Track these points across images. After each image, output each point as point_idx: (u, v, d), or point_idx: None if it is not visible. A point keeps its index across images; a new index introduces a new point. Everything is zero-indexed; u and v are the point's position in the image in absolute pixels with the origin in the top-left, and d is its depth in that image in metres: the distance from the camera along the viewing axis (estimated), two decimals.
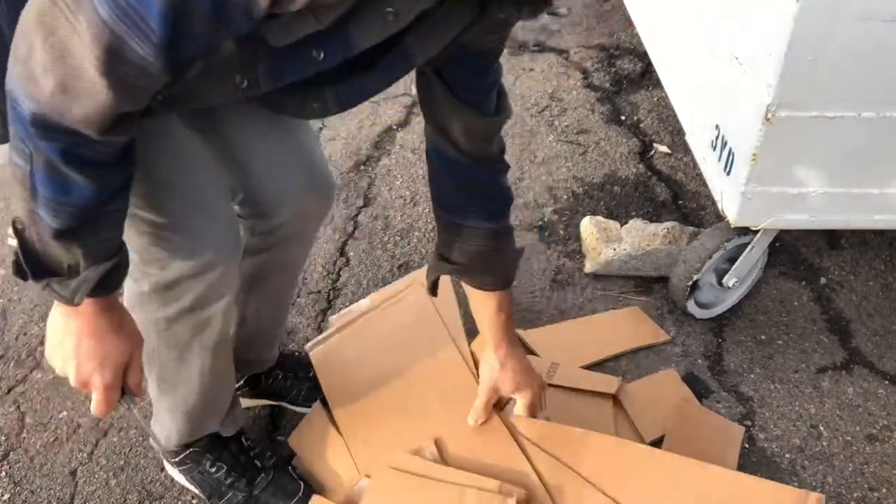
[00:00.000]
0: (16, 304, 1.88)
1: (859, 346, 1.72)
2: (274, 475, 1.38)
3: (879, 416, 1.58)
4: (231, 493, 1.35)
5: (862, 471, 1.48)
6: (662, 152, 2.30)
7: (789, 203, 1.46)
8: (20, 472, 1.52)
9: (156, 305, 1.12)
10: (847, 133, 1.35)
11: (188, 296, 1.10)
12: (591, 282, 1.88)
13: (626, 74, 2.65)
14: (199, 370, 1.21)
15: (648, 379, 1.63)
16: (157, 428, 1.34)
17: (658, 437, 1.50)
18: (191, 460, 1.36)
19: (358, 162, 2.32)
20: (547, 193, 2.16)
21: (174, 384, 1.24)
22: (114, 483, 1.49)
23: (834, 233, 2.00)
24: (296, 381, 1.55)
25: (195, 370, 1.21)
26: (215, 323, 1.15)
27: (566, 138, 2.37)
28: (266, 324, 1.47)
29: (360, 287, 1.88)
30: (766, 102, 1.31)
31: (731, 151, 1.47)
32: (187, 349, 1.18)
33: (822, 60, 1.26)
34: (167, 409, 1.29)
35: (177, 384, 1.24)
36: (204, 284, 1.09)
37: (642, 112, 2.47)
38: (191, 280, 1.08)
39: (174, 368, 1.21)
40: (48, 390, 1.67)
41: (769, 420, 1.57)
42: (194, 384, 1.23)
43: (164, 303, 1.11)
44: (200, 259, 1.06)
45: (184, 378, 1.22)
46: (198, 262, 1.06)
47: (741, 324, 1.77)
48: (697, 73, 1.71)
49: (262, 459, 1.40)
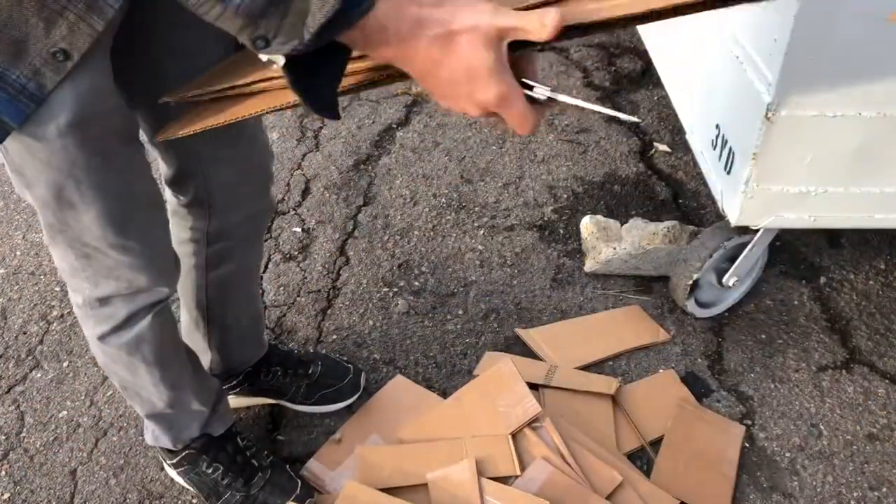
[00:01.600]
0: (15, 302, 1.88)
1: (859, 345, 1.72)
2: (271, 474, 1.38)
3: (880, 415, 1.58)
4: (228, 493, 1.36)
5: (862, 470, 1.48)
6: (663, 151, 2.30)
7: (789, 202, 1.46)
8: (20, 472, 1.52)
9: (92, 321, 1.14)
10: (848, 132, 1.35)
11: (120, 313, 1.11)
12: (591, 281, 1.88)
13: (627, 73, 2.65)
14: (152, 381, 1.22)
15: (647, 380, 1.63)
16: (146, 430, 1.36)
17: (658, 436, 1.50)
18: (187, 462, 1.36)
19: (358, 161, 2.31)
20: (547, 192, 2.16)
21: (136, 393, 1.26)
22: (113, 482, 1.49)
23: (834, 232, 2.00)
24: (295, 378, 1.55)
25: (148, 381, 1.22)
26: (151, 337, 1.16)
27: (566, 137, 2.37)
28: (247, 324, 1.48)
29: (359, 286, 1.88)
30: (767, 101, 1.31)
31: (731, 150, 1.47)
32: (131, 364, 1.19)
33: (822, 59, 1.25)
34: (143, 414, 1.31)
35: (139, 393, 1.26)
36: (135, 305, 1.11)
37: (643, 111, 2.47)
38: (120, 299, 1.10)
39: (129, 379, 1.23)
40: (48, 389, 1.67)
41: (769, 419, 1.57)
42: (153, 393, 1.25)
43: (98, 319, 1.13)
44: (134, 281, 1.08)
45: (141, 387, 1.24)
46: (131, 283, 1.08)
47: (741, 323, 1.77)
48: (698, 72, 1.70)
49: (259, 458, 1.40)
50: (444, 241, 2.02)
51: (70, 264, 1.06)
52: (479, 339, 1.74)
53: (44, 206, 0.97)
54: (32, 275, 1.96)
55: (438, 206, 2.12)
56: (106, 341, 1.15)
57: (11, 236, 2.09)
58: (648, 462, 1.47)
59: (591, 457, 1.38)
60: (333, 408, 1.57)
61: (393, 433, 1.50)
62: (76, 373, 1.70)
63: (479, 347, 1.72)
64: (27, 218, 2.15)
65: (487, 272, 1.92)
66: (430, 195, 2.16)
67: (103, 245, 1.01)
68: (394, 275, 1.91)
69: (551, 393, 1.56)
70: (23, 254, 2.03)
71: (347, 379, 1.57)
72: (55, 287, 1.92)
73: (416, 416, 1.53)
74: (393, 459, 1.40)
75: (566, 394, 1.55)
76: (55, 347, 1.76)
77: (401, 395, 1.60)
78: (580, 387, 1.56)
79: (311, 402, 1.55)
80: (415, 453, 1.41)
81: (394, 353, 1.71)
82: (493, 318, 1.79)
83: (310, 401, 1.55)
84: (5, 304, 1.89)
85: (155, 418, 1.31)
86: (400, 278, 1.90)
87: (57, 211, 0.97)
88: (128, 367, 1.20)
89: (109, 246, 1.02)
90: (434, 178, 2.22)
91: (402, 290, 1.87)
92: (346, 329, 1.78)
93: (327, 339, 1.75)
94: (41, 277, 1.95)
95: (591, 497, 1.31)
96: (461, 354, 1.71)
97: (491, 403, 1.50)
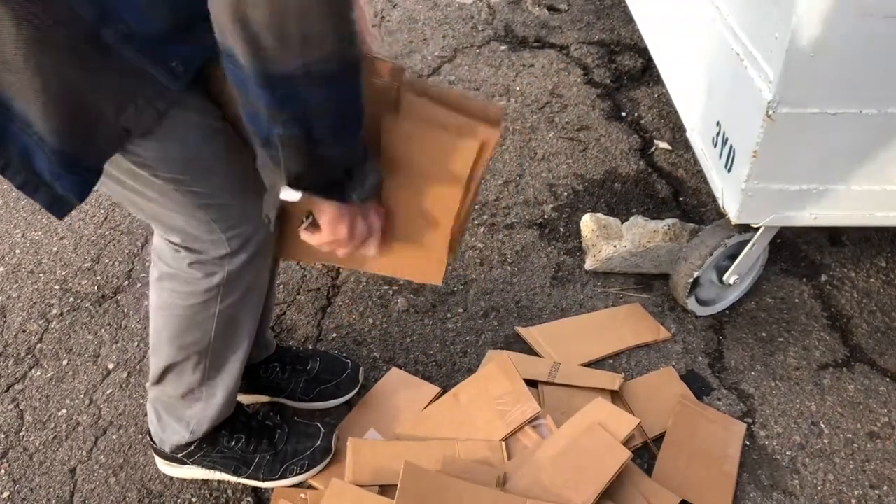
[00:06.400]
0: (15, 301, 1.88)
1: (860, 344, 1.72)
2: (289, 426, 1.44)
3: (880, 413, 1.58)
4: (258, 456, 1.39)
5: (863, 468, 1.48)
6: (663, 149, 2.30)
7: (790, 200, 1.45)
8: (19, 471, 1.51)
9: (221, 297, 1.18)
10: (848, 130, 1.35)
11: (250, 276, 1.18)
12: (592, 279, 1.88)
13: (627, 71, 2.65)
14: (245, 345, 1.28)
15: (646, 376, 1.63)
16: (176, 427, 1.35)
17: (660, 433, 1.50)
18: (207, 443, 1.38)
19: None
20: (547, 190, 2.16)
21: (221, 369, 1.29)
22: (113, 481, 1.49)
23: (835, 230, 1.99)
24: (293, 375, 1.55)
25: (242, 347, 1.28)
26: (261, 298, 1.26)
27: (566, 135, 2.37)
28: (266, 317, 1.48)
29: (359, 284, 1.88)
30: (768, 99, 1.30)
31: (731, 148, 1.47)
32: (240, 328, 1.25)
33: (823, 57, 1.25)
34: (202, 400, 1.31)
35: (223, 368, 1.29)
36: (259, 266, 1.19)
37: (643, 108, 2.47)
38: (254, 261, 1.16)
39: (225, 353, 1.27)
40: (47, 388, 1.67)
41: (770, 417, 1.57)
42: (236, 368, 1.29)
43: (232, 290, 1.18)
44: (258, 239, 1.15)
45: (231, 360, 1.28)
46: (259, 243, 1.15)
47: (742, 321, 1.77)
48: (698, 70, 1.70)
49: (271, 418, 1.47)
50: None
51: None
52: (479, 338, 1.74)
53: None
54: (32, 273, 1.96)
55: None
56: (233, 308, 1.21)
57: (11, 234, 2.09)
58: (650, 459, 1.47)
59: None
60: (332, 403, 1.57)
61: (390, 428, 1.50)
62: (76, 371, 1.70)
63: (479, 346, 1.72)
64: (27, 216, 2.15)
65: (487, 270, 1.91)
66: None
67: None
68: None
69: (550, 390, 1.56)
70: (22, 252, 2.03)
71: (346, 374, 1.57)
72: (54, 285, 1.92)
73: (413, 409, 1.53)
74: (382, 457, 1.40)
75: (566, 391, 1.55)
76: (54, 346, 1.76)
77: (398, 388, 1.60)
78: (583, 383, 1.56)
79: (310, 399, 1.55)
80: (406, 452, 1.41)
81: (394, 352, 1.71)
82: (494, 316, 1.79)
83: (308, 397, 1.55)
84: (4, 302, 1.88)
85: (221, 398, 1.31)
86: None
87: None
88: (235, 334, 1.26)
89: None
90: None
91: (402, 289, 1.87)
92: (346, 327, 1.78)
93: (327, 338, 1.75)
94: (40, 276, 1.95)
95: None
96: (461, 353, 1.71)
97: (489, 401, 1.50)
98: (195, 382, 1.28)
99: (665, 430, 1.50)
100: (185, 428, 1.34)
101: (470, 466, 1.38)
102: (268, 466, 1.40)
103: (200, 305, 1.18)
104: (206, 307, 1.18)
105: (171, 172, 1.02)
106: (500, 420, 1.47)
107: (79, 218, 2.12)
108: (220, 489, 1.45)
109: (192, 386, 1.28)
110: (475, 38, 2.84)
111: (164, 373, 1.28)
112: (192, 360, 1.25)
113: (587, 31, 2.86)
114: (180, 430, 1.35)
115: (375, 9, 3.03)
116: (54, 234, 2.07)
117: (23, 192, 0.94)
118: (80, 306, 1.85)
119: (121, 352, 1.73)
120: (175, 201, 1.06)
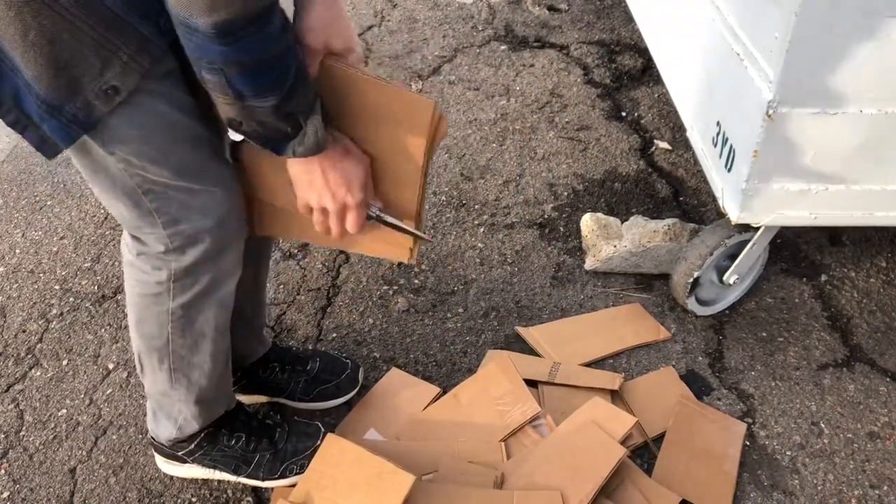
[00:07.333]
0: (15, 301, 1.88)
1: (860, 343, 1.72)
2: (289, 425, 1.44)
3: (880, 413, 1.58)
4: (258, 455, 1.39)
5: (863, 468, 1.48)
6: (663, 149, 2.30)
7: (790, 200, 1.45)
8: (19, 470, 1.51)
9: (172, 295, 1.16)
10: (848, 129, 1.35)
11: (205, 278, 1.15)
12: (592, 279, 1.88)
13: (627, 70, 2.65)
14: (212, 352, 1.25)
15: (646, 376, 1.63)
16: (167, 423, 1.35)
17: (660, 433, 1.50)
18: (207, 442, 1.38)
19: None
20: (547, 190, 2.16)
21: (187, 373, 1.27)
22: (113, 481, 1.49)
23: (835, 230, 1.99)
24: (293, 375, 1.55)
25: (207, 354, 1.25)
26: (227, 302, 1.22)
27: (567, 135, 2.37)
28: (251, 311, 1.48)
29: (359, 284, 1.88)
30: (768, 99, 1.30)
31: (731, 148, 1.47)
32: (201, 335, 1.22)
33: (823, 57, 1.25)
34: (181, 400, 1.31)
35: (190, 372, 1.27)
36: (218, 267, 1.16)
37: (643, 108, 2.47)
38: (207, 263, 1.14)
39: (187, 357, 1.25)
40: (47, 388, 1.67)
41: (770, 417, 1.57)
42: (206, 368, 1.27)
43: (182, 289, 1.16)
44: (209, 246, 1.12)
45: (197, 364, 1.26)
46: (209, 251, 1.12)
47: (742, 321, 1.77)
48: (698, 70, 1.70)
49: (271, 417, 1.47)
50: (445, 238, 2.01)
51: None
52: (479, 338, 1.74)
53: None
54: (32, 273, 1.96)
55: (438, 204, 2.12)
56: (187, 309, 1.19)
57: (11, 234, 2.09)
58: (650, 459, 1.47)
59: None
60: (332, 404, 1.57)
61: (390, 428, 1.50)
62: (76, 371, 1.70)
63: (479, 346, 1.72)
64: (27, 216, 2.15)
65: (487, 270, 1.91)
66: (429, 193, 2.16)
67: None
68: (394, 272, 1.91)
69: (550, 390, 1.56)
70: (22, 252, 2.03)
71: (345, 375, 1.57)
72: (54, 285, 1.92)
73: (413, 410, 1.53)
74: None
75: (566, 391, 1.55)
76: (54, 346, 1.76)
77: (398, 388, 1.60)
78: (583, 383, 1.56)
79: (310, 399, 1.55)
80: (405, 453, 1.41)
81: (394, 352, 1.71)
82: (494, 316, 1.79)
83: (308, 397, 1.55)
84: (4, 302, 1.88)
85: (193, 403, 1.31)
86: (400, 276, 1.90)
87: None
88: (196, 339, 1.23)
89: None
90: (434, 176, 2.22)
91: (403, 288, 1.87)
92: (346, 327, 1.78)
93: (327, 338, 1.75)
94: (40, 276, 1.95)
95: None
96: (461, 352, 1.71)
97: (489, 401, 1.50)
98: (165, 382, 1.28)
99: (665, 430, 1.50)
100: (173, 424, 1.35)
101: (469, 467, 1.38)
102: (268, 465, 1.40)
103: (152, 298, 1.17)
104: (157, 301, 1.17)
105: (126, 153, 1.01)
106: (500, 420, 1.47)
107: (79, 218, 2.12)
108: (220, 489, 1.45)
109: (164, 385, 1.28)
110: (475, 37, 2.84)
111: (139, 362, 1.28)
112: (156, 356, 1.24)
113: (587, 30, 2.86)
114: (169, 426, 1.35)
115: (375, 9, 3.03)
116: (54, 234, 2.07)
117: (14, 129, 0.95)
118: (80, 306, 1.85)
119: (121, 352, 1.73)
120: (123, 184, 1.05)
